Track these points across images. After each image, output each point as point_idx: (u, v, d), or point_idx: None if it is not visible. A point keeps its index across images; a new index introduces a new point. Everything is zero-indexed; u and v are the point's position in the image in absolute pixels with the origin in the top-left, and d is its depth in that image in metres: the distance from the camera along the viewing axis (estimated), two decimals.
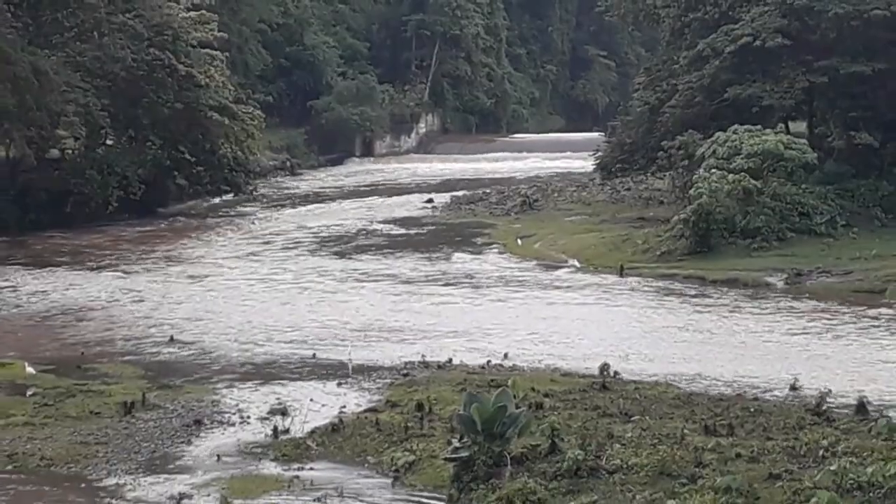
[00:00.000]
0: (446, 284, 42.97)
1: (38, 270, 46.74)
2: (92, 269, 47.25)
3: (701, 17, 59.02)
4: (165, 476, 21.48)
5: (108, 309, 38.81)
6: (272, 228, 59.79)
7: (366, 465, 21.79)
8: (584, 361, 29.62)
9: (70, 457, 22.60)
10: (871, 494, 18.13)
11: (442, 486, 20.15)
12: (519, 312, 37.36)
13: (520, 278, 44.02)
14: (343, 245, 53.71)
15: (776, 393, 26.40)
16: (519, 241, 53.44)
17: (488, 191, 73.19)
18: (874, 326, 34.38)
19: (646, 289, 41.42)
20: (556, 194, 69.98)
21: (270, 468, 21.81)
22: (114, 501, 20.43)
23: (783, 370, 28.18)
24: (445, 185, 79.94)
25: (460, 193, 73.15)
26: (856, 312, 36.13)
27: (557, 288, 41.92)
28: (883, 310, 36.38)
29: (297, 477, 21.12)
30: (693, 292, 40.38)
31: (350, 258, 49.68)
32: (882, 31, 51.05)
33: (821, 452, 20.52)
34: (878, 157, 52.54)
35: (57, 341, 34.14)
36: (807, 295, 39.19)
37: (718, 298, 39.13)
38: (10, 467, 22.30)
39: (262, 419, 24.90)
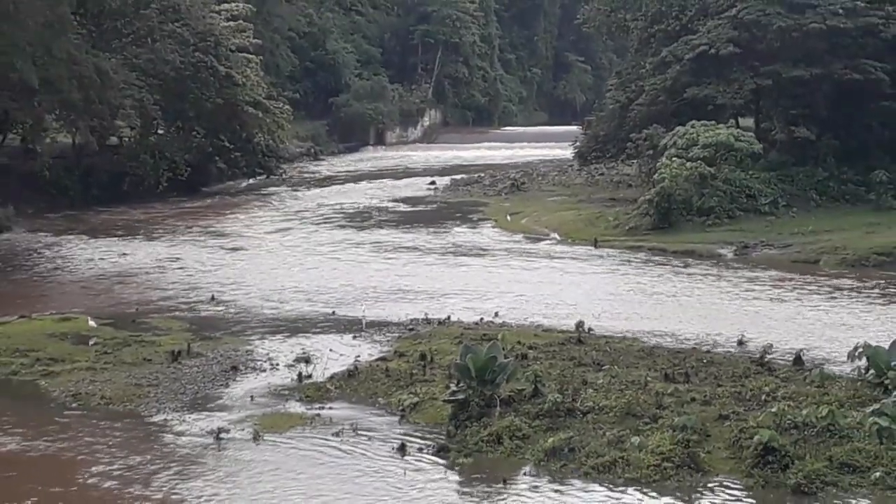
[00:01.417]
0: (447, 253, 42.85)
1: (97, 240, 46.67)
2: (143, 240, 47.20)
3: (664, 29, 59.09)
4: (206, 413, 21.48)
5: (157, 273, 38.70)
6: (299, 205, 59.63)
7: (377, 405, 21.76)
8: (563, 319, 29.49)
9: (126, 397, 22.61)
10: (805, 432, 18.18)
11: (441, 423, 20.14)
12: (508, 277, 37.23)
13: (509, 248, 43.91)
14: (359, 220, 53.56)
15: (726, 347, 26.34)
16: (508, 218, 53.29)
17: (482, 175, 72.94)
18: (841, 295, 33.36)
19: (616, 258, 41.33)
20: (540, 178, 69.75)
21: (296, 407, 21.78)
22: (162, 434, 20.44)
23: (734, 328, 28.03)
24: (446, 170, 79.64)
25: (459, 177, 72.90)
26: (818, 281, 35.48)
27: (541, 257, 41.80)
28: (846, 280, 35.82)
29: (319, 415, 21.09)
30: (656, 261, 40.29)
31: (366, 231, 49.51)
32: (818, 41, 50.78)
33: (763, 397, 20.54)
34: (815, 149, 52.32)
35: (114, 299, 34.05)
36: (760, 265, 38.94)
37: (678, 267, 38.98)
38: (75, 405, 22.38)
39: (289, 366, 24.82)
